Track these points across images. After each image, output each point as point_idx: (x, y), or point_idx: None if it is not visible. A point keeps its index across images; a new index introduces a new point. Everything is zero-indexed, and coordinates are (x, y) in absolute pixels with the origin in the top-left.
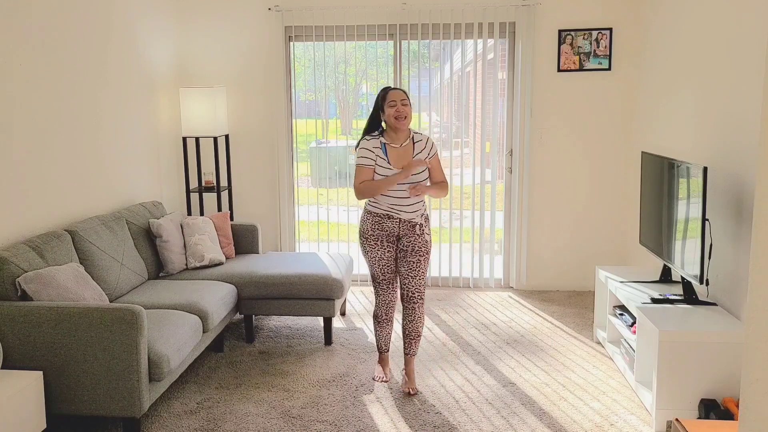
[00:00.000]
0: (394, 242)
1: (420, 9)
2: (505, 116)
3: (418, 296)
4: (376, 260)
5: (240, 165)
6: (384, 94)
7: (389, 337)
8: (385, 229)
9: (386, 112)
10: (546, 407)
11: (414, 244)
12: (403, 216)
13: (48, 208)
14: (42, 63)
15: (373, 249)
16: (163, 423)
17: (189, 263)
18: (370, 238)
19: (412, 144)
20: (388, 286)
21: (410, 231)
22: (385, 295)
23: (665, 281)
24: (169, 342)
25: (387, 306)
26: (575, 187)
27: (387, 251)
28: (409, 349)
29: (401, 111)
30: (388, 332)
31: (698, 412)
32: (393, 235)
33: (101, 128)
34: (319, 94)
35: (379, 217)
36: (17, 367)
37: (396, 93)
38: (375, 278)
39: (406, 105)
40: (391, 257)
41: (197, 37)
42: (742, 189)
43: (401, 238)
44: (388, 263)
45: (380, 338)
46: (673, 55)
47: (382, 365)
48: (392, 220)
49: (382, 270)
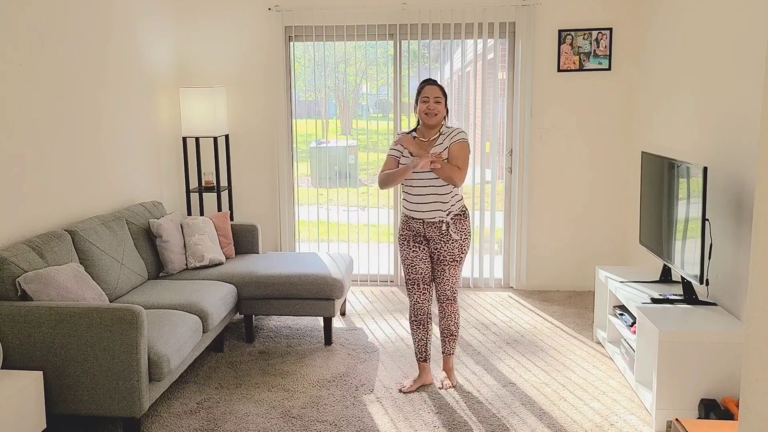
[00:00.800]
0: (422, 242)
1: (420, 9)
2: (505, 116)
3: (444, 298)
4: (403, 259)
5: (240, 165)
6: (420, 88)
7: (422, 344)
8: (413, 230)
9: (419, 107)
10: (546, 407)
11: (440, 252)
12: (422, 216)
13: (48, 208)
14: (42, 63)
15: (402, 249)
16: (163, 423)
17: (189, 263)
18: (401, 238)
19: (439, 136)
20: (414, 287)
21: (437, 234)
22: (412, 295)
23: (665, 281)
24: (169, 342)
25: (415, 307)
26: (575, 187)
27: (413, 251)
28: (444, 348)
29: (432, 108)
30: (420, 337)
31: (698, 412)
32: (420, 235)
33: (101, 128)
34: (319, 94)
35: (407, 218)
36: (17, 367)
37: (431, 89)
38: (406, 278)
39: (439, 102)
40: (417, 257)
41: (197, 37)
42: (742, 189)
43: (430, 242)
44: (413, 263)
45: (414, 343)
46: (673, 55)
47: (417, 376)
48: (416, 221)
49: (408, 270)
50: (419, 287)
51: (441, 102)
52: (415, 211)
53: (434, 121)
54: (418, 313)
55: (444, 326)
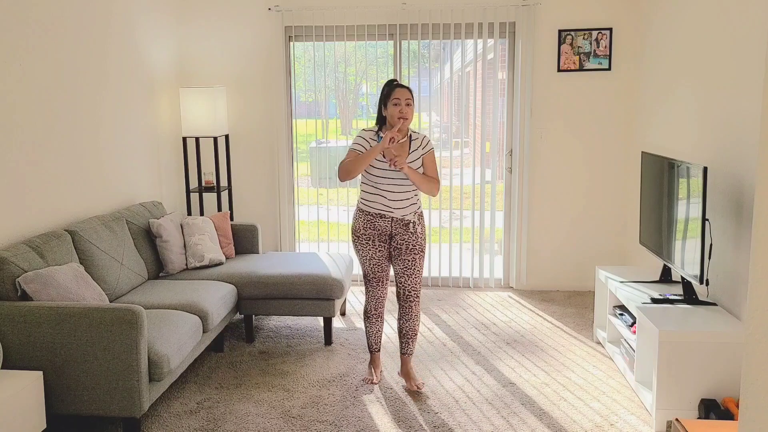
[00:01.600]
0: (387, 241)
1: (420, 9)
2: (505, 116)
3: (414, 294)
4: (367, 259)
5: (240, 165)
6: (389, 90)
7: (380, 335)
8: (378, 228)
9: (389, 110)
10: (546, 407)
11: (408, 242)
12: (395, 214)
13: (48, 208)
14: (42, 63)
15: (365, 248)
16: (163, 423)
17: (189, 263)
18: (361, 237)
19: (409, 141)
20: (378, 283)
21: (403, 229)
22: (375, 291)
23: (665, 281)
24: (169, 342)
25: (377, 301)
26: (575, 187)
27: (378, 250)
28: (406, 349)
29: (404, 112)
30: (378, 329)
31: (698, 412)
32: (385, 234)
33: (101, 128)
34: (319, 94)
35: (372, 216)
36: (17, 367)
37: (401, 91)
38: (366, 275)
39: (410, 105)
40: (382, 256)
41: (197, 37)
42: (742, 189)
43: (394, 237)
44: (379, 262)
45: (370, 335)
46: (673, 55)
47: (373, 366)
48: (384, 219)
49: (373, 269)
50: (382, 284)
51: (411, 105)
52: (390, 210)
53: (406, 125)
54: (378, 306)
55: (408, 327)
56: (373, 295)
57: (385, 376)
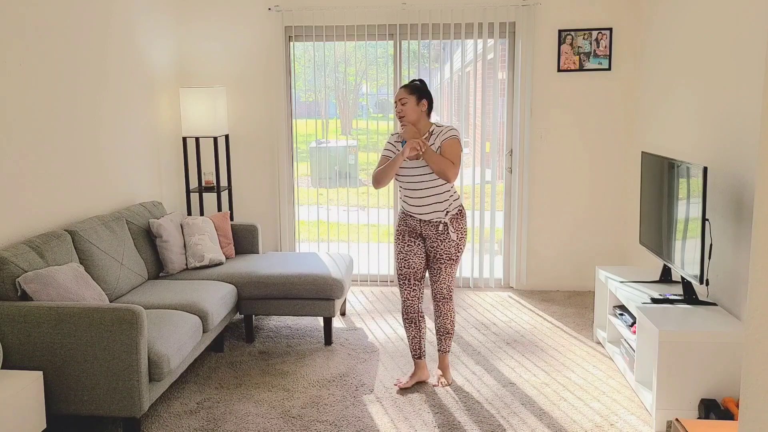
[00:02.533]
0: (418, 239)
1: (420, 9)
2: (505, 116)
3: (441, 296)
4: (396, 253)
5: (240, 165)
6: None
7: (416, 342)
8: (409, 226)
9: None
10: (546, 407)
11: (437, 250)
12: (419, 215)
13: (48, 208)
14: (42, 63)
15: (397, 243)
16: (163, 423)
17: (189, 263)
18: (396, 233)
19: (430, 136)
20: (405, 282)
21: (433, 233)
22: (403, 291)
23: (665, 281)
24: (169, 342)
25: (405, 304)
26: (575, 188)
27: (407, 245)
28: (439, 345)
29: (399, 111)
30: (414, 335)
31: (698, 412)
32: (416, 231)
33: (101, 128)
34: (319, 94)
35: (405, 215)
36: (17, 367)
37: (399, 92)
38: (397, 272)
39: (405, 103)
40: (411, 252)
41: (197, 37)
42: (742, 189)
43: (426, 240)
44: (406, 258)
45: (408, 340)
46: (673, 54)
47: (413, 372)
48: (413, 218)
49: (401, 264)
50: (410, 282)
51: (406, 102)
52: (412, 209)
53: (404, 122)
54: (408, 310)
55: (440, 324)
56: (403, 298)
57: (385, 377)
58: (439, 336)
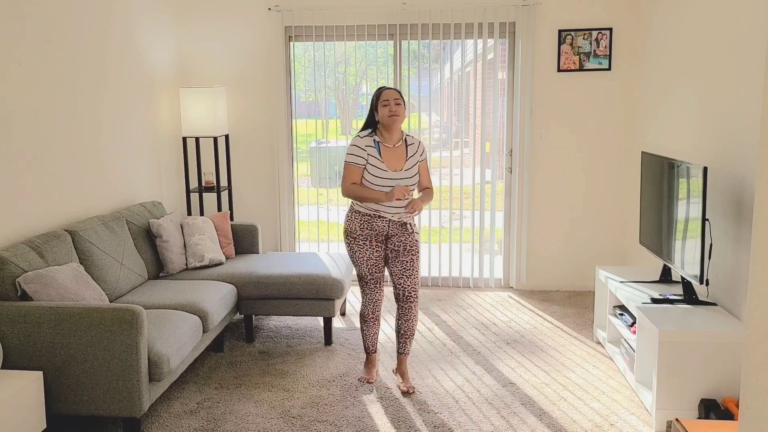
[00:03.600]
0: (383, 242)
1: (420, 9)
2: (505, 116)
3: (414, 295)
4: (364, 260)
5: (240, 165)
6: (378, 94)
7: (376, 338)
8: (375, 229)
9: (380, 112)
10: (546, 407)
11: (405, 243)
12: (394, 217)
13: (48, 208)
14: (42, 63)
15: (362, 249)
16: (163, 423)
17: (189, 263)
18: (358, 238)
19: (405, 146)
20: (375, 286)
21: (401, 230)
22: (372, 294)
23: (665, 281)
24: (169, 342)
25: (374, 305)
26: (575, 187)
27: (375, 251)
28: (404, 348)
29: (394, 110)
30: (375, 332)
31: (698, 412)
32: (382, 234)
33: (101, 128)
34: (319, 94)
35: (369, 217)
36: (17, 367)
37: (389, 92)
38: (362, 278)
39: (399, 104)
40: (379, 257)
41: (197, 37)
42: (742, 189)
43: (390, 238)
44: (376, 263)
45: (367, 338)
46: (673, 54)
47: (369, 367)
48: (382, 219)
49: (371, 270)
50: (378, 285)
51: (401, 104)
52: (386, 212)
53: (397, 123)
54: (375, 309)
55: (406, 327)
56: (370, 299)
57: (385, 377)
58: (404, 339)
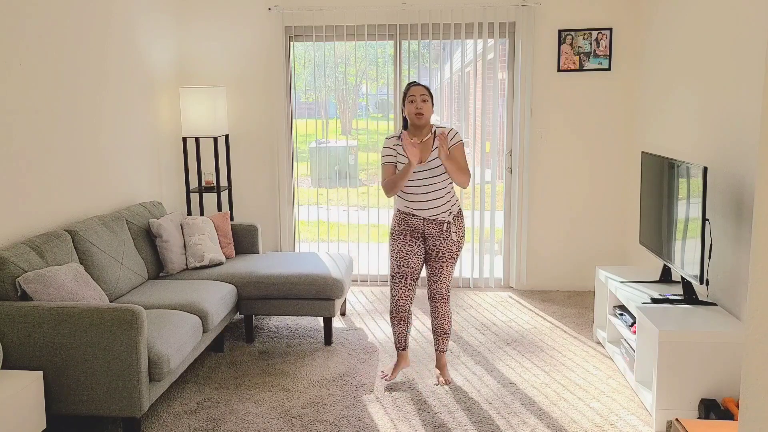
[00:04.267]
0: (419, 238)
1: (420, 9)
2: (505, 116)
3: (439, 297)
4: (395, 253)
5: (240, 165)
6: (406, 90)
7: (403, 336)
8: (411, 225)
9: (406, 108)
10: (546, 407)
11: (438, 249)
12: (424, 214)
13: (48, 208)
14: (42, 63)
15: (395, 242)
16: (163, 423)
17: (189, 263)
18: (394, 233)
19: (433, 138)
20: (402, 281)
21: (437, 232)
22: (396, 290)
23: (665, 281)
24: (169, 342)
25: (397, 305)
26: (575, 187)
27: (408, 244)
28: (437, 345)
29: (420, 107)
30: (401, 331)
31: (698, 412)
32: (418, 231)
33: (101, 128)
34: (319, 94)
35: (405, 215)
36: (17, 367)
37: (416, 89)
38: (391, 271)
39: (426, 101)
40: (411, 252)
41: (197, 37)
42: (742, 189)
43: (428, 239)
44: (405, 257)
45: (394, 336)
46: (673, 54)
47: (396, 363)
48: (416, 218)
49: (398, 263)
50: (406, 282)
51: (427, 101)
52: (416, 209)
53: (423, 120)
54: (400, 310)
55: (438, 325)
56: (393, 296)
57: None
58: (437, 336)
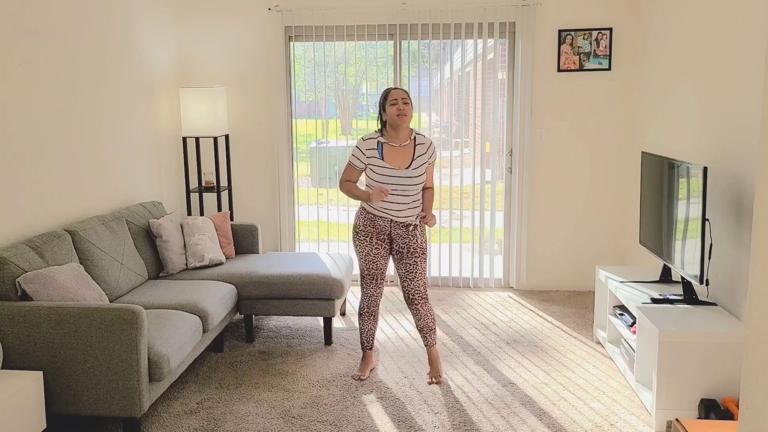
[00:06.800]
0: (386, 241)
1: (420, 9)
2: (505, 116)
3: (419, 297)
4: (363, 255)
5: (240, 165)
6: (386, 94)
7: (372, 334)
8: (377, 227)
9: (388, 111)
10: (546, 407)
11: (409, 246)
12: (397, 216)
13: (48, 208)
14: (42, 63)
15: (363, 244)
16: (163, 423)
17: (189, 263)
18: (360, 233)
19: (413, 145)
20: (372, 281)
21: (404, 232)
22: (369, 289)
23: (665, 281)
24: (169, 342)
25: (369, 300)
26: (575, 187)
27: (375, 248)
28: (427, 341)
29: (402, 109)
30: (370, 328)
31: (698, 412)
32: (384, 233)
33: (101, 128)
34: (319, 94)
35: (373, 215)
36: (17, 367)
37: (397, 92)
38: (361, 272)
39: (407, 104)
40: (379, 255)
41: (197, 37)
42: (742, 189)
43: (394, 240)
44: (375, 260)
45: (362, 333)
46: (673, 54)
47: (363, 364)
48: (384, 220)
49: (368, 266)
50: (377, 282)
51: (408, 103)
52: (390, 211)
53: (406, 121)
54: (371, 305)
55: (423, 324)
56: (366, 294)
57: (386, 376)
58: (424, 334)
